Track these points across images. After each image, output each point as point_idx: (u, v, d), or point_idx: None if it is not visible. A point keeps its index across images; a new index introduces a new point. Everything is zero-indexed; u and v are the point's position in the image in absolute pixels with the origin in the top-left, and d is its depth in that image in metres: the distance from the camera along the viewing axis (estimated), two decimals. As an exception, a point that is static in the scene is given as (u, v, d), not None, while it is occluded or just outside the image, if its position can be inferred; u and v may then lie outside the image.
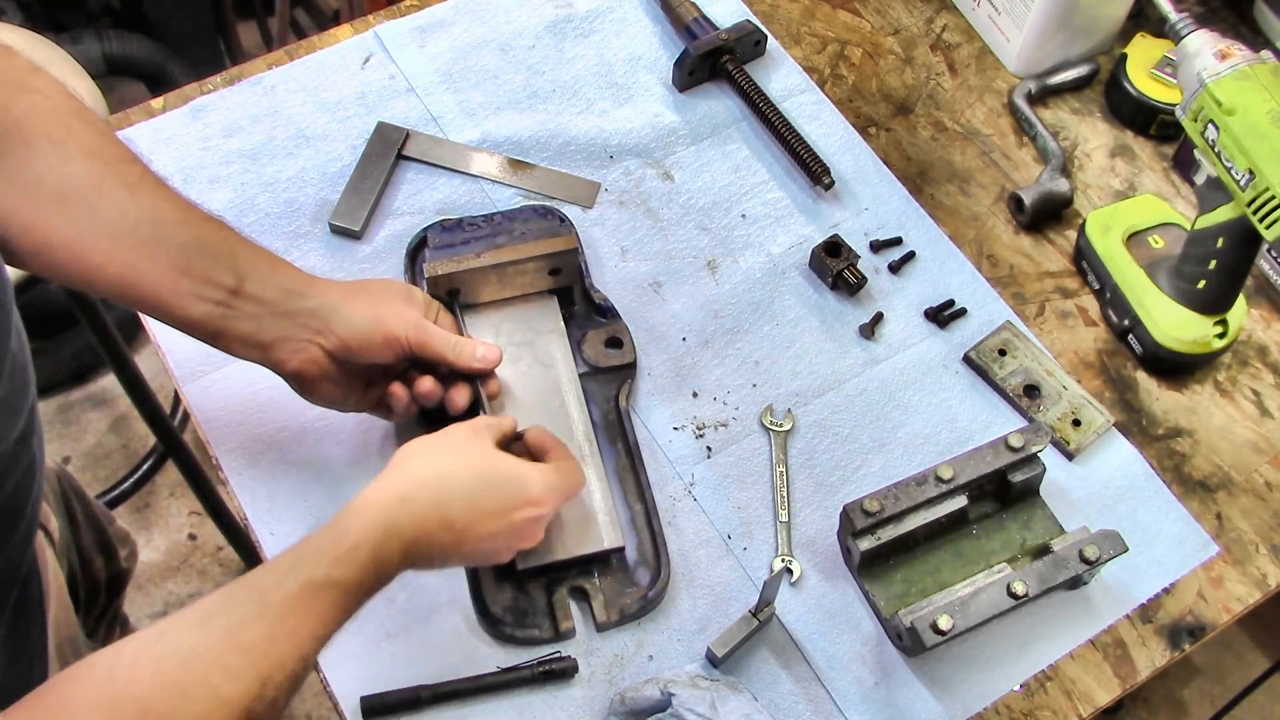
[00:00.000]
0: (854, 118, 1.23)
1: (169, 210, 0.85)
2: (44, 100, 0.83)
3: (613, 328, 1.06)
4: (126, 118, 1.16)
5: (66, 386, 2.14)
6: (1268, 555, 1.02)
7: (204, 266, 0.85)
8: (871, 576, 0.96)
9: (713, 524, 0.99)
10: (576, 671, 0.91)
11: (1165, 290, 1.08)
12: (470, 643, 0.92)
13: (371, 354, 0.89)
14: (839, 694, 0.93)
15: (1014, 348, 1.09)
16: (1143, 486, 1.04)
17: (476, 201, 1.14)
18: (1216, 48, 0.97)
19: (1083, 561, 0.92)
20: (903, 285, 1.13)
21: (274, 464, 0.99)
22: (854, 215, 1.16)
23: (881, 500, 0.93)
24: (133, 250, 0.83)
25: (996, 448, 0.96)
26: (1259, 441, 1.08)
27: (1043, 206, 1.17)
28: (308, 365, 0.88)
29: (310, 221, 1.11)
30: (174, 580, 1.99)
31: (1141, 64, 1.24)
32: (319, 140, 1.16)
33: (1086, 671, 0.96)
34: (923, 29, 1.31)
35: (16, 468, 0.78)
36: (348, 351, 0.89)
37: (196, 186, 1.12)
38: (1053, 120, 1.26)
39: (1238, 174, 0.96)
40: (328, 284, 0.90)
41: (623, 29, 1.26)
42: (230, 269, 0.85)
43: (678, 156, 1.18)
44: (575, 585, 0.94)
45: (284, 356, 0.88)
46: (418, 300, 0.93)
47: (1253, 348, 1.13)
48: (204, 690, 0.67)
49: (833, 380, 1.07)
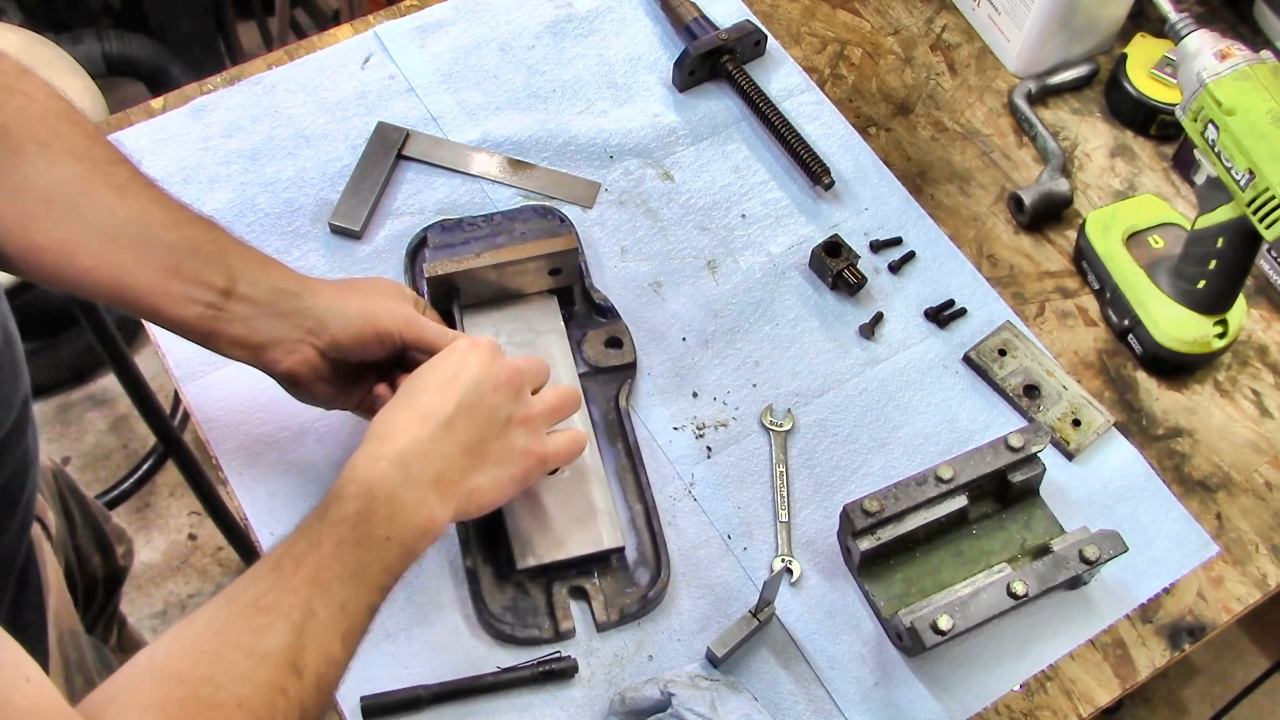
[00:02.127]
0: (854, 118, 1.23)
1: (158, 211, 0.85)
2: (31, 103, 0.83)
3: (613, 328, 1.06)
4: (126, 118, 1.16)
5: (66, 386, 2.14)
6: (1268, 555, 1.02)
7: (194, 268, 0.84)
8: (871, 576, 0.96)
9: (713, 524, 0.99)
10: (576, 671, 0.91)
11: (1165, 290, 1.08)
12: (470, 643, 0.92)
13: (365, 351, 0.89)
14: (839, 694, 0.93)
15: (1014, 348, 1.09)
16: (1143, 486, 1.04)
17: (476, 201, 1.14)
18: (1216, 48, 0.97)
19: (1083, 561, 0.92)
20: (903, 285, 1.13)
21: (274, 464, 0.99)
22: (854, 215, 1.16)
23: (881, 500, 0.93)
24: (122, 252, 0.83)
25: (996, 448, 0.96)
26: (1259, 441, 1.08)
27: (1043, 206, 1.17)
28: (300, 366, 0.88)
29: (310, 221, 1.11)
30: (174, 580, 1.99)
31: (1141, 64, 1.24)
32: (319, 140, 1.16)
33: (1086, 671, 0.96)
34: (923, 29, 1.31)
35: (10, 458, 0.78)
36: (340, 349, 0.88)
37: (196, 186, 1.12)
38: (1053, 120, 1.26)
39: (1238, 174, 0.96)
40: (319, 283, 0.90)
41: (623, 29, 1.26)
42: (221, 270, 0.85)
43: (678, 156, 1.18)
44: (575, 585, 0.94)
45: (277, 357, 0.87)
46: (407, 296, 0.93)
47: (1253, 348, 1.13)
48: (238, 651, 0.67)
49: (833, 380, 1.07)
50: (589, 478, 0.96)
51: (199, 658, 0.67)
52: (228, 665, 0.66)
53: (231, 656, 0.67)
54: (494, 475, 0.83)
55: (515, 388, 0.85)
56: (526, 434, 0.85)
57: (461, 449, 0.81)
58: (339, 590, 0.72)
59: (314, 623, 0.70)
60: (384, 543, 0.75)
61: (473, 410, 0.82)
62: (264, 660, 0.67)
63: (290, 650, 0.68)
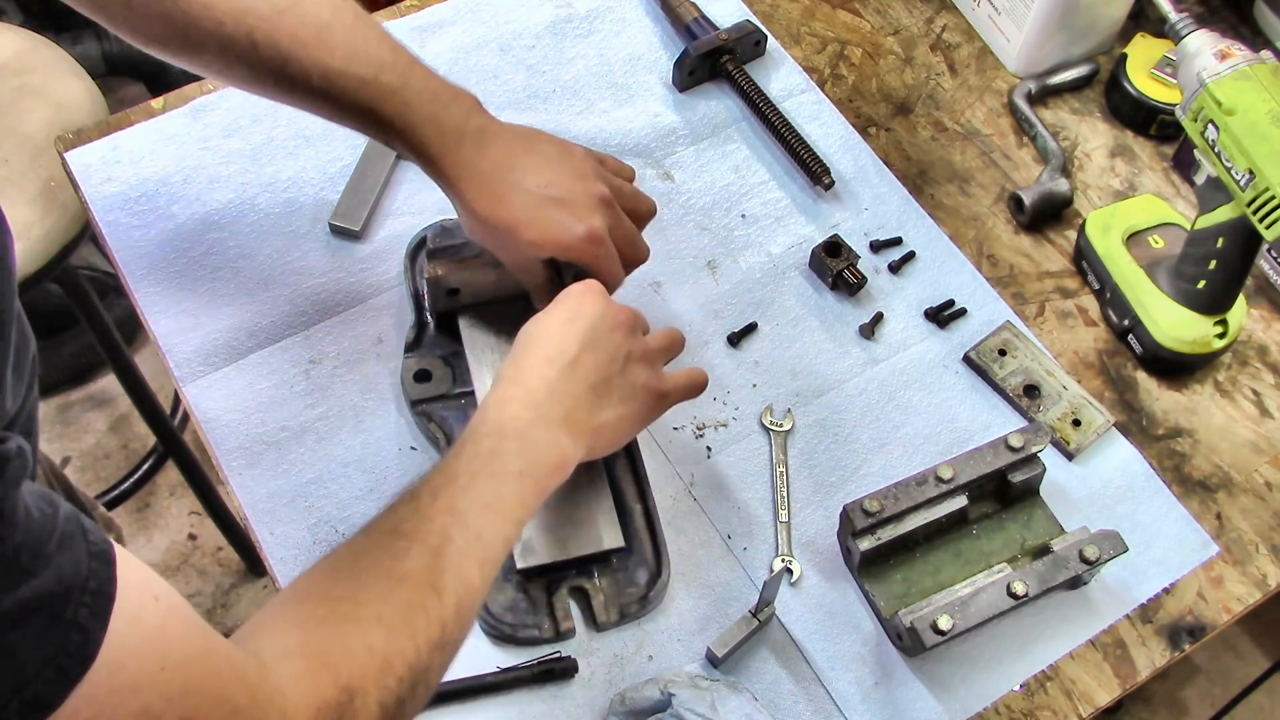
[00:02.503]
0: (854, 118, 1.23)
1: None
2: None
3: (613, 328, 1.06)
4: (126, 118, 1.16)
5: (66, 386, 2.14)
6: (1268, 555, 1.02)
7: None
8: (871, 576, 0.96)
9: (713, 524, 0.99)
10: (576, 671, 0.91)
11: (1165, 290, 1.08)
12: (470, 643, 0.92)
13: None
14: (839, 694, 0.93)
15: (1014, 348, 1.09)
16: (1143, 486, 1.04)
17: (476, 201, 1.13)
18: (1216, 48, 0.97)
19: (1083, 561, 0.92)
20: (903, 285, 1.13)
21: (274, 464, 0.99)
22: (854, 215, 1.16)
23: (881, 500, 0.93)
24: None
25: (996, 448, 0.96)
26: (1259, 441, 1.08)
27: (1043, 206, 1.17)
28: None
29: (310, 221, 1.11)
30: (174, 580, 1.98)
31: (1141, 64, 1.24)
32: (319, 140, 1.16)
33: (1086, 671, 0.96)
34: (923, 29, 1.31)
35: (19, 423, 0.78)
36: None
37: (196, 186, 1.12)
38: (1053, 120, 1.26)
39: (1238, 174, 0.96)
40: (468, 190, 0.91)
41: (623, 29, 1.26)
42: None
43: (678, 156, 1.18)
44: (575, 585, 0.94)
45: None
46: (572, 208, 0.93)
47: (1253, 348, 1.13)
48: (377, 572, 0.69)
49: (833, 380, 1.07)
50: (589, 478, 0.96)
51: (338, 578, 0.69)
52: (367, 585, 0.68)
53: (371, 577, 0.69)
54: (618, 411, 0.85)
55: (631, 327, 0.87)
56: (646, 369, 0.87)
57: (588, 387, 0.83)
58: (474, 519, 0.74)
59: (451, 548, 0.71)
60: (518, 477, 0.77)
61: (595, 348, 0.84)
62: (403, 580, 0.69)
63: (429, 571, 0.70)
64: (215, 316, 1.05)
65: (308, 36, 0.86)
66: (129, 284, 1.07)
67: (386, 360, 1.04)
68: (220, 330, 1.04)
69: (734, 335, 1.08)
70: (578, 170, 0.92)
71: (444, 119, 0.89)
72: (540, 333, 0.85)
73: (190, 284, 1.07)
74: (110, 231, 1.09)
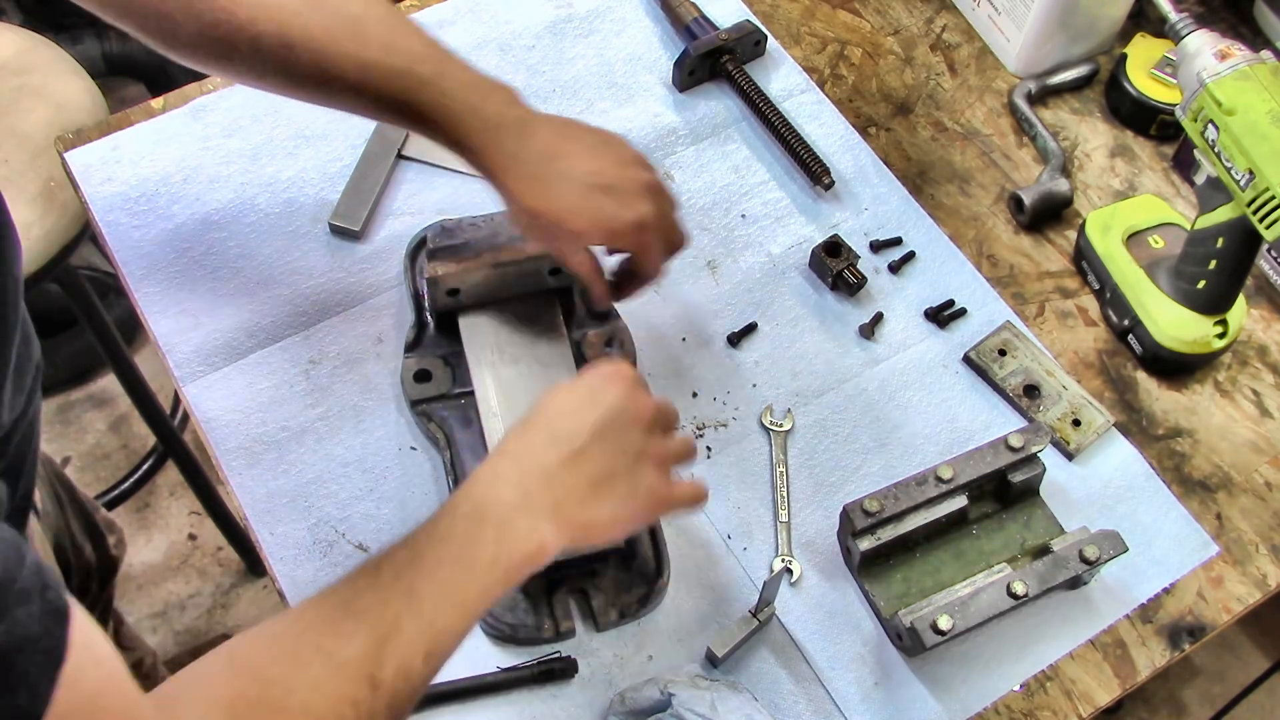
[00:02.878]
0: (854, 118, 1.23)
1: None
2: None
3: (613, 328, 1.06)
4: (126, 118, 1.16)
5: (66, 386, 2.14)
6: (1268, 555, 1.02)
7: None
8: (871, 576, 0.96)
9: (713, 524, 0.99)
10: (576, 671, 0.91)
11: (1165, 290, 1.08)
12: (470, 643, 0.92)
13: None
14: (839, 694, 0.93)
15: (1014, 348, 1.09)
16: (1143, 486, 1.04)
17: (476, 201, 1.13)
18: (1216, 48, 0.97)
19: (1083, 561, 0.92)
20: (903, 285, 1.13)
21: (274, 464, 0.99)
22: (854, 215, 1.16)
23: (881, 500, 0.93)
24: None
25: (996, 448, 0.96)
26: (1259, 441, 1.08)
27: (1043, 206, 1.17)
28: None
29: (310, 221, 1.11)
30: (174, 580, 1.98)
31: (1141, 64, 1.24)
32: (319, 140, 1.16)
33: (1086, 671, 0.96)
34: (923, 29, 1.31)
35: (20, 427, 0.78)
36: None
37: (196, 186, 1.12)
38: (1053, 120, 1.26)
39: (1238, 174, 0.96)
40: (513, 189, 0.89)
41: (623, 29, 1.26)
42: None
43: (678, 156, 1.18)
44: (575, 585, 0.94)
45: None
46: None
47: (1253, 348, 1.13)
48: (317, 655, 0.66)
49: (833, 380, 1.07)
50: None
51: (277, 656, 0.66)
52: (304, 667, 0.66)
53: (309, 659, 0.66)
54: (615, 509, 0.78)
55: (651, 423, 0.81)
56: (655, 473, 0.81)
57: (588, 480, 0.77)
58: (430, 608, 0.70)
59: (399, 639, 0.68)
60: (488, 565, 0.73)
61: (606, 439, 0.78)
62: (341, 668, 0.66)
63: (370, 662, 0.67)
64: (215, 316, 1.05)
65: (341, 30, 0.85)
66: (129, 284, 1.07)
67: (386, 360, 1.04)
68: (220, 330, 1.04)
69: (734, 335, 1.08)
70: (621, 157, 0.90)
71: (483, 109, 0.87)
72: (555, 410, 0.79)
73: (190, 284, 1.07)
74: (110, 231, 1.09)
